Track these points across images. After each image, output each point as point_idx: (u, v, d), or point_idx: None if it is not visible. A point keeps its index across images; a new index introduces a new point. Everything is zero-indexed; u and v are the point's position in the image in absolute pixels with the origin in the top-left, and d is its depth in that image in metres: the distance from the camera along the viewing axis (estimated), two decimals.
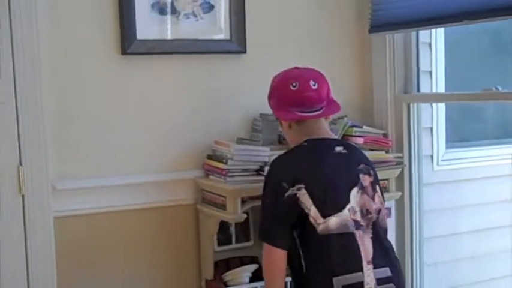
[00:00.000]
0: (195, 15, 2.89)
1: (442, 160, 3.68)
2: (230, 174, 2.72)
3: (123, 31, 2.75)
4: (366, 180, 2.32)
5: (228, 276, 2.81)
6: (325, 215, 2.20)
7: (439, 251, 3.55)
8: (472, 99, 3.05)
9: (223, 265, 2.90)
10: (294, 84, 2.39)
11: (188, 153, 2.87)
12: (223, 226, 2.86)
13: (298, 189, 2.22)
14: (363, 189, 2.30)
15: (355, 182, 2.29)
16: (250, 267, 2.85)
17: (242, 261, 2.93)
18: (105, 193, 2.71)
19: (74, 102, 2.69)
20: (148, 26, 2.80)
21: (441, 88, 3.52)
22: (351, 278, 2.19)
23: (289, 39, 3.09)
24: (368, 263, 2.22)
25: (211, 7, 2.92)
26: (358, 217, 2.25)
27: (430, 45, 3.47)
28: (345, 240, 2.21)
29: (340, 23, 3.20)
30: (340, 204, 2.24)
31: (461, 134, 3.91)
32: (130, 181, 2.75)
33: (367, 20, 3.12)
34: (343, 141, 2.55)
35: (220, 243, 2.92)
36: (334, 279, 2.17)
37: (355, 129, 2.97)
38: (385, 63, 3.14)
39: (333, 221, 2.21)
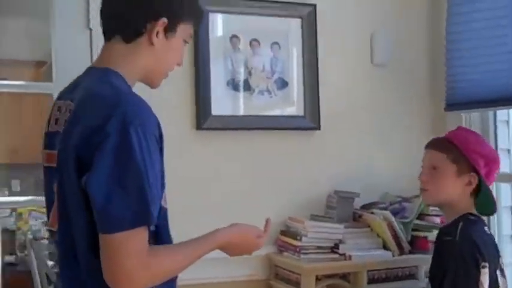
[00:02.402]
0: (269, 92, 2.91)
1: None
2: (304, 251, 2.67)
3: (198, 107, 2.79)
4: None
5: None
6: None
7: None
8: None
9: None
10: None
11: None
12: None
13: (483, 267, 2.19)
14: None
15: None
16: None
17: None
18: None
19: None
20: (223, 102, 2.84)
21: None
22: None
23: (363, 116, 3.08)
24: None
25: (285, 83, 2.94)
26: None
27: (507, 122, 3.38)
28: None
29: (415, 99, 3.19)
30: None
31: None
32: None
33: (442, 97, 3.08)
34: None
35: None
36: None
37: (431, 208, 2.89)
38: None
39: None
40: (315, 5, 2.99)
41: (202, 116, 2.78)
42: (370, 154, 3.05)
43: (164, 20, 1.63)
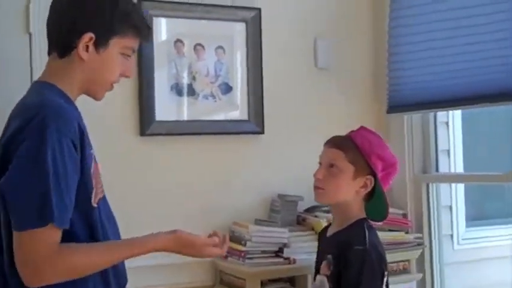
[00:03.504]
0: (214, 96, 2.91)
1: (463, 239, 3.63)
2: (249, 256, 2.69)
3: (142, 112, 2.77)
4: None
5: None
6: None
7: None
8: (490, 181, 3.04)
9: None
10: None
11: (206, 234, 2.84)
12: None
13: (384, 277, 2.19)
14: None
15: None
16: None
17: None
18: None
19: None
20: (167, 107, 2.82)
21: (459, 166, 3.51)
22: None
23: (307, 120, 3.11)
24: None
25: (229, 88, 2.95)
26: None
27: (447, 124, 3.47)
28: None
29: (358, 102, 3.23)
30: None
31: (481, 212, 3.87)
32: (147, 263, 2.68)
33: (384, 99, 3.14)
34: None
35: None
36: None
37: None
38: (404, 143, 3.13)
39: None
40: (259, 9, 2.99)
41: (146, 121, 2.77)
42: (313, 157, 3.06)
43: (90, 35, 1.69)
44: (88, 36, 1.68)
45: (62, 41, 1.71)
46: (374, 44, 3.28)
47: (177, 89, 2.85)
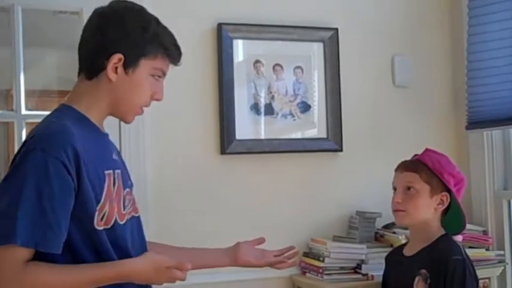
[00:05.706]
0: (292, 115, 2.98)
1: None
2: (327, 272, 2.74)
3: (222, 131, 2.86)
4: None
5: None
6: None
7: None
8: None
9: None
10: None
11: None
12: None
13: None
14: None
15: None
16: None
17: None
18: None
19: (174, 198, 2.79)
20: (247, 126, 2.90)
21: None
22: None
23: (385, 137, 3.13)
24: None
25: (307, 107, 3.01)
26: None
27: None
28: None
29: (436, 119, 3.23)
30: None
31: None
32: (226, 279, 2.78)
33: (463, 116, 3.12)
34: None
35: None
36: None
37: None
38: (484, 159, 3.11)
39: None
40: (336, 29, 3.04)
41: (227, 140, 2.85)
42: (392, 175, 3.08)
43: (119, 55, 1.67)
44: (117, 57, 1.66)
45: (91, 62, 1.69)
46: (452, 60, 3.27)
47: (256, 109, 2.93)
